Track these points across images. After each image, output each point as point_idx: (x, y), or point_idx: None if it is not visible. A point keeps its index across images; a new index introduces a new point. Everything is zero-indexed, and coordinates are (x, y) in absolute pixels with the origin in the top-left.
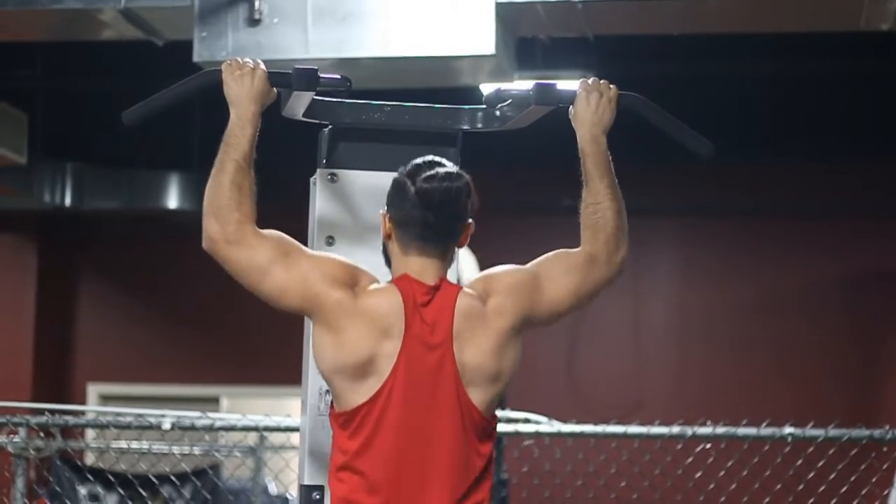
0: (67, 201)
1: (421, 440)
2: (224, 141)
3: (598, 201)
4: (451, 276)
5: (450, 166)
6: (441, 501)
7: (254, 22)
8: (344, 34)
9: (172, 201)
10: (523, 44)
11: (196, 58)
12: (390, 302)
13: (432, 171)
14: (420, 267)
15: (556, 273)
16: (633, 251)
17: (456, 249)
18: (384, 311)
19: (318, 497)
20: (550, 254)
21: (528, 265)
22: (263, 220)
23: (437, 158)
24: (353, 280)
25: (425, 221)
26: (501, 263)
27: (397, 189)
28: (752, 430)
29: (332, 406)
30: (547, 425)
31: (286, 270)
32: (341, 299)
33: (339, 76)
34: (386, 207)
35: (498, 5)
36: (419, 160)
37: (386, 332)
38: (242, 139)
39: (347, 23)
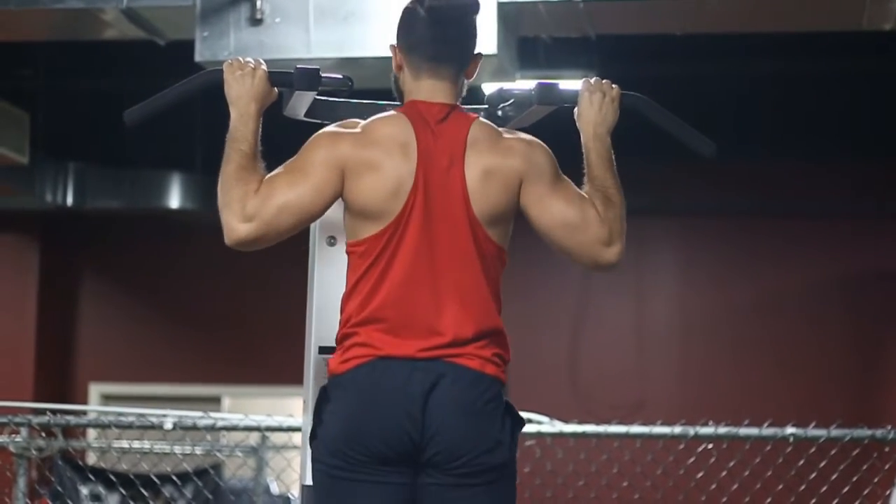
0: (69, 201)
1: (435, 259)
2: (228, 137)
3: (606, 186)
4: None
5: None
6: (451, 321)
7: (256, 21)
8: (346, 34)
9: (174, 201)
10: (525, 43)
11: (198, 57)
12: (398, 124)
13: None
14: (431, 90)
15: (571, 197)
16: (633, 251)
17: (465, 81)
18: (395, 132)
19: None
20: (576, 188)
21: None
22: None
23: None
24: (345, 129)
25: (435, 37)
26: (508, 262)
27: (407, 15)
28: (753, 430)
29: (347, 241)
30: (549, 425)
31: (304, 178)
32: (354, 142)
33: (340, 76)
34: (396, 39)
35: (500, 5)
36: None
37: (405, 150)
38: (246, 132)
39: (349, 22)
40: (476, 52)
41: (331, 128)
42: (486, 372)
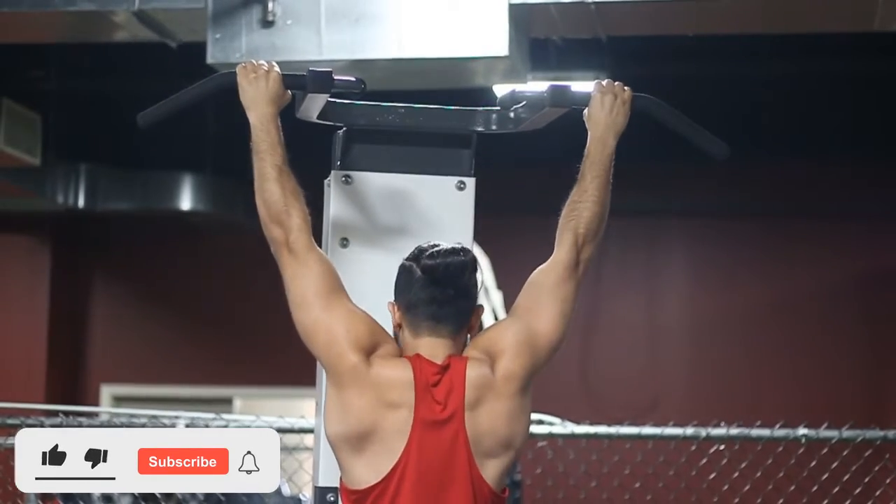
0: (81, 202)
1: None
2: (254, 150)
3: (582, 200)
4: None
5: (453, 243)
6: None
7: (267, 23)
8: (357, 35)
9: (186, 202)
10: (536, 45)
11: (210, 59)
12: (401, 376)
13: (436, 249)
14: (431, 348)
15: (543, 308)
16: (645, 251)
17: (468, 336)
18: (393, 384)
19: (332, 499)
20: (530, 286)
21: (516, 311)
22: None
23: (439, 241)
24: (373, 346)
25: (433, 298)
26: (516, 263)
27: (403, 273)
28: (765, 432)
29: (341, 480)
30: (560, 426)
31: (324, 312)
32: (356, 365)
33: (353, 78)
34: (394, 297)
35: (511, 7)
36: (422, 244)
37: (392, 406)
38: (272, 142)
39: (361, 24)
40: (477, 304)
41: (374, 330)
42: None
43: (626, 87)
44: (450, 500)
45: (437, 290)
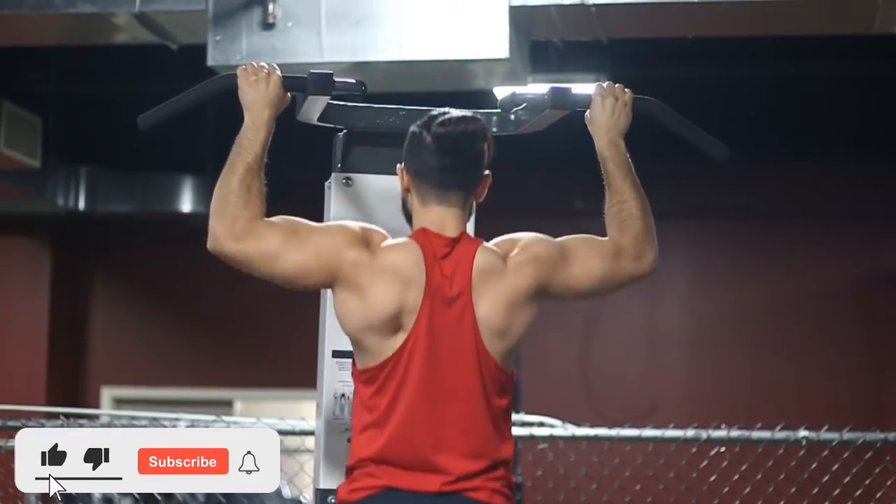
0: (81, 205)
1: (440, 394)
2: (236, 143)
3: (624, 199)
4: (470, 230)
5: (463, 111)
6: (457, 457)
7: (268, 26)
8: (358, 38)
9: (186, 205)
10: (537, 47)
11: (210, 62)
12: (409, 255)
13: (447, 117)
14: (439, 218)
15: (584, 254)
16: None
17: (474, 203)
18: (404, 263)
19: (332, 501)
20: (580, 235)
21: (557, 239)
22: None
23: (451, 109)
24: (365, 240)
25: (443, 167)
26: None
27: (413, 140)
28: (766, 434)
29: (353, 364)
30: (561, 429)
31: (299, 248)
32: (359, 259)
33: (354, 80)
34: (403, 161)
35: (511, 9)
36: (433, 111)
37: (408, 284)
38: (255, 142)
39: (361, 26)
40: (485, 173)
41: (355, 228)
42: (495, 503)
43: (626, 90)
44: (457, 375)
45: (446, 158)
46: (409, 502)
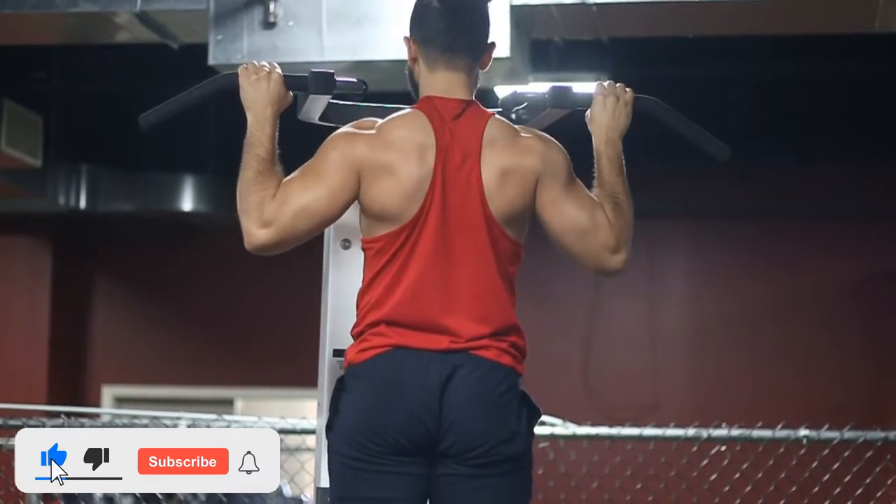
0: (82, 204)
1: (451, 257)
2: (245, 143)
3: (615, 193)
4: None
5: None
6: (466, 319)
7: (269, 25)
8: (359, 37)
9: (187, 203)
10: (538, 46)
11: (211, 61)
12: (414, 122)
13: None
14: (448, 83)
15: (583, 201)
16: (647, 253)
17: (480, 73)
18: (412, 131)
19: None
20: (588, 192)
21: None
22: None
23: None
24: (361, 129)
25: (450, 27)
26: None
27: (420, 6)
28: (767, 432)
29: (363, 237)
30: (562, 427)
31: (318, 182)
32: (369, 144)
33: (355, 79)
34: (409, 31)
35: (512, 8)
36: None
37: (422, 149)
38: (262, 137)
39: (362, 26)
40: (490, 41)
41: (346, 128)
42: (503, 363)
43: (627, 89)
44: (467, 236)
45: (453, 17)
46: (417, 359)
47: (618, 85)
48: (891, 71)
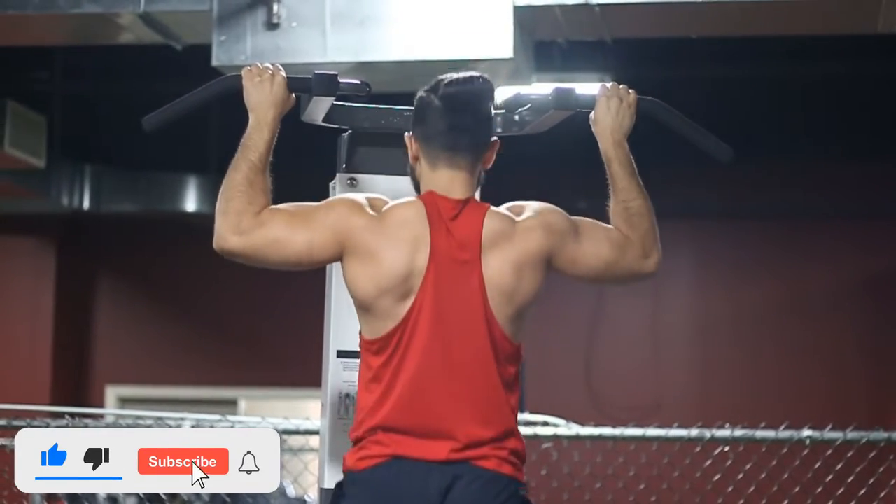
0: (86, 204)
1: (448, 359)
2: (241, 143)
3: (630, 199)
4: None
5: (471, 71)
6: (465, 423)
7: (272, 26)
8: (362, 38)
9: (191, 204)
10: (541, 47)
11: (215, 61)
12: (414, 213)
13: (454, 77)
14: (448, 181)
15: (597, 235)
16: None
17: (483, 170)
18: (410, 222)
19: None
20: (593, 220)
21: (573, 219)
22: None
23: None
24: (370, 205)
25: (452, 126)
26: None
27: (421, 104)
28: (770, 433)
29: (361, 336)
30: (565, 428)
31: (305, 226)
32: (366, 223)
33: (358, 81)
34: (411, 129)
35: (516, 9)
36: (441, 75)
37: (416, 244)
38: (259, 141)
39: (366, 26)
40: (493, 138)
41: (358, 197)
42: (503, 472)
43: (630, 90)
44: (466, 338)
45: (455, 117)
46: (416, 470)
47: (621, 86)
48: (892, 71)
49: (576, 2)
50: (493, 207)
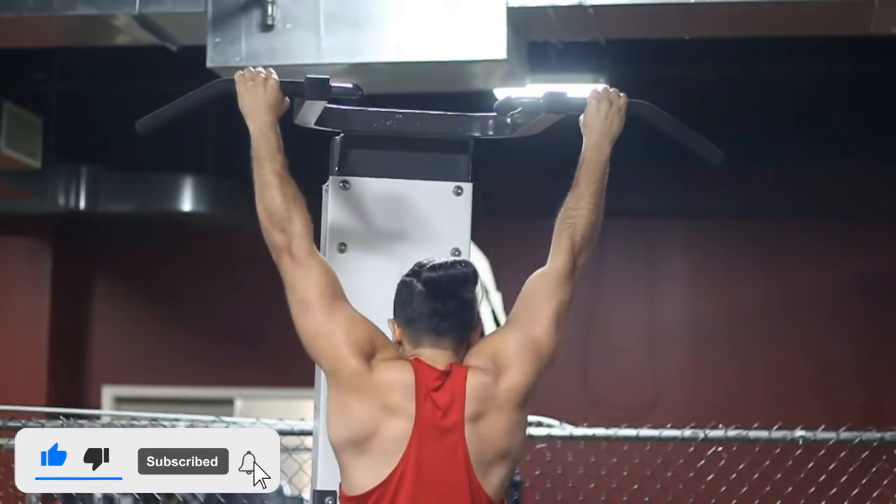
0: (82, 204)
1: None
2: (254, 157)
3: (578, 207)
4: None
5: (453, 256)
6: None
7: (267, 27)
8: (356, 39)
9: (187, 204)
10: (535, 48)
11: (209, 63)
12: (403, 379)
13: (436, 262)
14: (433, 356)
15: (542, 315)
16: (645, 253)
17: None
18: (395, 387)
19: (330, 502)
20: (527, 293)
21: (515, 319)
22: None
23: (436, 257)
24: (374, 350)
25: (434, 311)
26: (514, 265)
27: (403, 289)
28: (763, 433)
29: (340, 487)
30: (559, 428)
31: (326, 316)
32: (357, 370)
33: (350, 84)
34: (393, 314)
35: (509, 10)
36: (421, 259)
37: (393, 410)
38: (270, 148)
39: (360, 28)
40: (476, 321)
41: (372, 333)
42: None
43: (621, 94)
44: None
45: (438, 302)
46: None
47: (612, 90)
48: (890, 71)
49: (569, 3)
50: (471, 368)
